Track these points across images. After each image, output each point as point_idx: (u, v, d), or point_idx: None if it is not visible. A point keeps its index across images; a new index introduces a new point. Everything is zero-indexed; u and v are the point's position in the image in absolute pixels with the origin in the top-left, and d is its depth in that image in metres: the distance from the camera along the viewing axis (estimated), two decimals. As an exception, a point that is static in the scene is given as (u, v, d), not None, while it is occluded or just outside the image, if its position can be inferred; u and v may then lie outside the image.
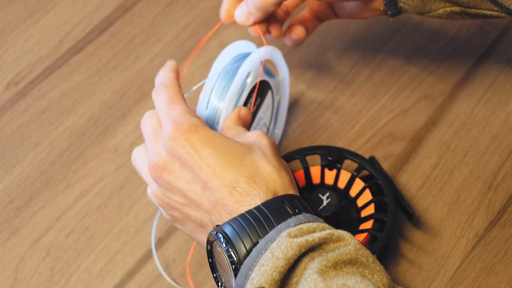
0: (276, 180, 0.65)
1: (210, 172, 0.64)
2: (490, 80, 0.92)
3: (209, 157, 0.64)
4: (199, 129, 0.66)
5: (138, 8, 1.01)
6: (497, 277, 0.79)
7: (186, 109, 0.68)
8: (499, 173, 0.85)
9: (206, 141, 0.65)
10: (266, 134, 0.69)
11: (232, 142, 0.67)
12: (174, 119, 0.67)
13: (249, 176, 0.64)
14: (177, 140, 0.65)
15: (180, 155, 0.65)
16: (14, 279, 0.80)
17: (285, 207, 0.63)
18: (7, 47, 0.97)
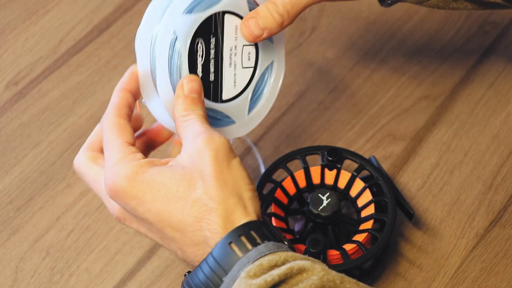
0: (223, 217, 0.60)
1: (159, 225, 0.62)
2: (490, 80, 0.92)
3: (152, 212, 0.62)
4: (134, 184, 0.62)
5: (138, 8, 1.00)
6: (498, 277, 0.79)
7: (115, 158, 0.64)
8: (499, 173, 0.85)
9: (144, 196, 0.62)
10: (212, 140, 0.62)
11: (171, 180, 0.61)
12: (106, 177, 0.63)
13: (193, 225, 0.61)
14: (117, 199, 0.63)
15: (128, 210, 0.64)
16: (13, 279, 0.80)
17: (233, 248, 0.59)
18: (7, 47, 0.97)
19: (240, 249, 0.59)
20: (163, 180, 0.62)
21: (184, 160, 0.63)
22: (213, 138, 0.62)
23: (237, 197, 0.61)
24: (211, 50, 0.68)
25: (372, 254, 0.74)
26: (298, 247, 0.75)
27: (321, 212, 0.75)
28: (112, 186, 0.62)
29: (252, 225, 0.60)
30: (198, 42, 0.68)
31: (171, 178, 0.62)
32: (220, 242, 0.60)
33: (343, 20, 0.98)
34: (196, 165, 0.62)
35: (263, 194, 0.79)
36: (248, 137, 0.89)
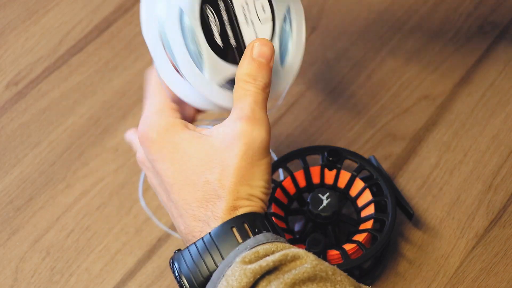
0: (229, 204, 0.61)
1: (169, 186, 0.63)
2: (490, 80, 0.92)
3: (169, 172, 0.63)
4: (164, 138, 0.63)
5: (138, 8, 1.00)
6: (497, 277, 0.79)
7: (155, 108, 0.66)
8: (499, 173, 0.85)
9: (164, 154, 0.63)
10: (250, 134, 0.61)
11: (195, 152, 0.62)
12: (141, 122, 0.65)
13: (199, 201, 0.62)
14: (143, 145, 0.65)
15: (148, 158, 0.65)
16: (14, 279, 0.80)
17: (234, 233, 0.60)
18: (7, 47, 0.97)
19: (241, 235, 0.60)
20: (189, 149, 0.63)
21: (217, 138, 0.62)
22: (252, 130, 0.61)
23: (249, 192, 0.62)
24: (223, 15, 0.64)
25: (372, 254, 0.74)
26: (298, 247, 0.75)
27: (321, 212, 0.75)
28: (143, 133, 0.64)
29: (256, 216, 0.61)
30: (207, 10, 0.63)
31: (196, 152, 0.62)
32: (222, 224, 0.60)
33: (343, 20, 0.98)
34: (224, 151, 0.62)
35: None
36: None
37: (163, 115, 0.65)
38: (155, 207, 0.84)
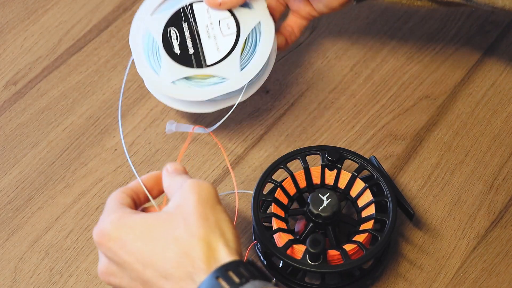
0: (206, 253, 0.61)
1: (140, 266, 0.62)
2: (491, 79, 0.92)
3: (133, 252, 0.63)
4: (118, 226, 0.64)
5: (137, 8, 0.99)
6: (498, 278, 0.78)
7: (106, 213, 0.67)
8: (501, 173, 0.85)
9: (126, 237, 0.63)
10: (198, 185, 0.64)
11: (154, 222, 0.63)
12: (99, 222, 0.66)
13: (175, 260, 0.61)
14: (101, 244, 0.64)
15: (111, 258, 0.64)
16: (13, 279, 0.80)
17: (221, 283, 0.59)
18: (6, 47, 0.97)
19: (229, 284, 0.59)
20: (146, 222, 0.64)
21: (170, 207, 0.65)
22: (199, 183, 0.65)
23: (219, 234, 0.62)
24: (185, 32, 0.85)
25: (372, 254, 0.74)
26: (298, 247, 0.75)
27: (321, 212, 0.75)
28: (98, 231, 0.65)
29: (239, 263, 0.61)
30: (170, 31, 0.85)
31: (154, 221, 0.63)
32: (208, 277, 0.60)
33: (343, 20, 0.98)
34: (179, 208, 0.63)
35: (263, 194, 0.78)
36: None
37: (113, 212, 0.66)
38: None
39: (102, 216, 0.66)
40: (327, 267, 0.73)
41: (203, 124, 0.89)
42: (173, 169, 0.70)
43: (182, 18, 0.85)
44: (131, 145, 0.88)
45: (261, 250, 0.78)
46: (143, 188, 0.70)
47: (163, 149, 0.88)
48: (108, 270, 0.66)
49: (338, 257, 0.74)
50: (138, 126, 0.90)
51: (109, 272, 0.66)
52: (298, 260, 0.73)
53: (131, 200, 0.69)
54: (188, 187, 0.64)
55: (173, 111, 0.91)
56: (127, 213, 0.65)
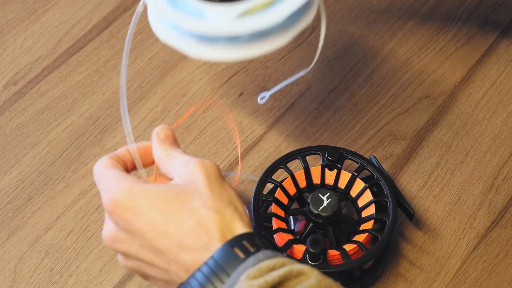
0: (221, 224, 0.62)
1: (153, 236, 0.63)
2: (492, 79, 0.92)
3: (148, 221, 0.63)
4: (130, 195, 0.64)
5: (136, 7, 1.00)
6: (499, 278, 0.78)
7: (111, 180, 0.66)
8: (501, 173, 0.85)
9: (140, 206, 0.63)
10: (203, 163, 0.65)
11: (167, 194, 0.64)
12: (103, 197, 0.65)
13: (192, 231, 0.62)
14: (114, 213, 0.64)
15: (122, 226, 0.64)
16: (13, 279, 0.80)
17: (236, 251, 0.60)
18: (6, 47, 0.97)
19: (243, 252, 0.60)
20: (160, 193, 0.64)
21: (179, 182, 0.65)
22: (204, 162, 0.65)
23: (233, 208, 0.63)
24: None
25: (372, 254, 0.74)
26: (298, 247, 0.75)
27: (321, 212, 0.75)
28: (109, 200, 0.64)
29: (253, 234, 0.62)
30: None
31: (167, 193, 0.64)
32: (223, 246, 0.61)
33: (343, 20, 0.98)
34: (191, 183, 0.64)
35: (263, 194, 0.78)
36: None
37: (121, 180, 0.65)
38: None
39: (106, 185, 0.66)
40: (327, 267, 0.73)
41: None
42: (164, 135, 0.69)
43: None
44: (131, 145, 0.88)
45: (261, 250, 0.78)
46: (134, 156, 0.70)
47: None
48: (115, 236, 0.65)
49: (338, 257, 0.74)
50: (138, 126, 0.90)
51: (117, 238, 0.65)
52: (298, 260, 0.73)
53: (122, 167, 0.68)
54: (194, 164, 0.64)
55: (172, 111, 0.91)
56: (136, 181, 0.65)
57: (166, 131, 0.70)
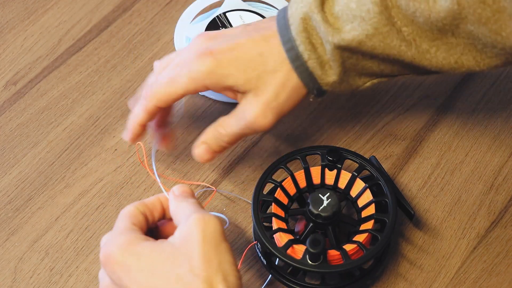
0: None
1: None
2: (492, 79, 0.92)
3: (135, 281, 0.63)
4: (124, 252, 0.65)
5: (137, 7, 1.00)
6: (499, 278, 0.78)
7: (116, 231, 0.68)
8: (501, 173, 0.85)
9: (131, 265, 0.64)
10: (203, 220, 0.65)
11: (159, 255, 0.64)
12: (108, 241, 0.67)
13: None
14: (106, 266, 0.65)
15: (113, 279, 0.65)
16: (12, 279, 0.80)
17: None
18: (6, 46, 0.97)
19: None
20: (151, 254, 0.64)
21: (176, 238, 0.66)
22: (204, 218, 0.65)
23: (222, 278, 0.63)
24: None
25: (372, 254, 0.74)
26: (298, 247, 0.75)
27: (321, 212, 0.75)
28: (104, 253, 0.65)
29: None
30: None
31: (160, 255, 0.64)
32: None
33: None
34: (184, 244, 0.64)
35: (263, 194, 0.78)
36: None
37: (123, 234, 0.67)
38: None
39: (112, 234, 0.67)
40: (327, 267, 0.73)
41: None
42: (180, 191, 0.71)
43: (219, 25, 0.92)
44: (131, 145, 0.88)
45: (261, 250, 0.78)
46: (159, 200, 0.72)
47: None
48: (108, 287, 0.67)
49: (338, 257, 0.74)
50: (138, 126, 0.90)
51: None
52: (298, 260, 0.73)
53: (143, 218, 0.70)
54: (193, 222, 0.65)
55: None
56: (136, 238, 0.66)
57: (181, 188, 0.71)
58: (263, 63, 0.74)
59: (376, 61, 0.73)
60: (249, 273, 0.80)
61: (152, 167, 0.82)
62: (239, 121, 0.76)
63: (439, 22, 0.69)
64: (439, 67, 0.72)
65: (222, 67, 0.74)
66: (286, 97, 0.75)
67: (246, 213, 0.83)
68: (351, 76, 0.75)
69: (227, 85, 0.75)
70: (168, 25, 0.98)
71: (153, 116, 0.79)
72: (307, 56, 0.73)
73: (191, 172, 0.86)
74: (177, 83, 0.76)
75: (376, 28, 0.70)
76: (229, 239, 0.81)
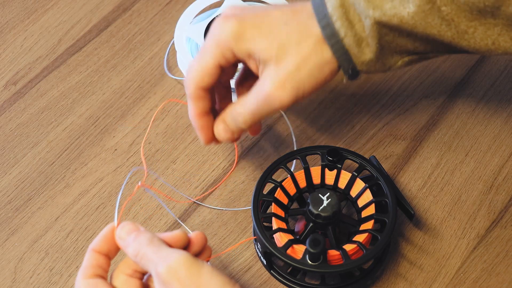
0: None
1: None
2: (492, 79, 0.92)
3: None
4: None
5: (137, 7, 1.00)
6: (499, 278, 0.78)
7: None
8: (501, 173, 0.85)
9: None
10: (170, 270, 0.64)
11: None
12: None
13: None
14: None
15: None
16: (12, 279, 0.80)
17: None
18: (6, 46, 0.97)
19: None
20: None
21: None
22: (170, 267, 0.63)
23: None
24: None
25: (372, 254, 0.74)
26: (298, 247, 0.75)
27: (321, 212, 0.75)
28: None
29: None
30: None
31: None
32: None
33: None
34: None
35: (263, 194, 0.78)
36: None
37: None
38: (154, 207, 0.84)
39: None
40: (327, 267, 0.73)
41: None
42: (126, 232, 0.68)
43: None
44: (131, 145, 0.88)
45: (261, 250, 0.78)
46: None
47: (163, 149, 0.88)
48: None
49: (338, 257, 0.74)
50: (138, 126, 0.90)
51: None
52: (298, 260, 0.73)
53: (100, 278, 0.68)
54: (164, 277, 0.63)
55: (173, 111, 0.91)
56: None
57: (126, 228, 0.68)
58: (288, 33, 0.71)
59: (412, 39, 0.71)
60: (249, 273, 0.80)
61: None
62: (257, 94, 0.73)
63: (480, 3, 0.68)
64: (476, 48, 0.71)
65: (245, 28, 0.71)
66: (308, 72, 0.72)
67: (246, 213, 0.83)
68: (385, 54, 0.72)
69: (249, 49, 0.72)
70: (168, 25, 0.98)
71: (203, 101, 0.75)
72: (343, 33, 0.70)
73: (191, 172, 0.86)
74: (205, 53, 0.73)
75: (419, 6, 0.69)
76: (229, 239, 0.81)
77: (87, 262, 0.68)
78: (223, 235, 0.82)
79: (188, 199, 0.84)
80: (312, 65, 0.72)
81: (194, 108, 0.75)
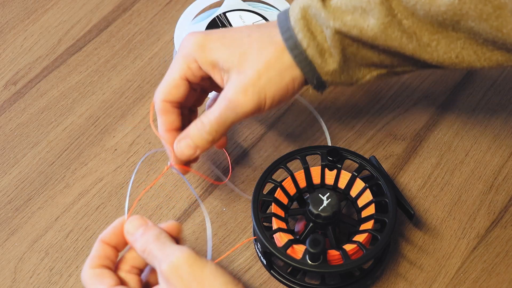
0: None
1: None
2: (492, 80, 0.92)
3: None
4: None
5: (137, 7, 1.00)
6: (499, 278, 0.78)
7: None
8: (501, 173, 0.85)
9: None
10: (173, 268, 0.64)
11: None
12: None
13: None
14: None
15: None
16: (12, 279, 0.80)
17: None
18: (6, 46, 0.97)
19: None
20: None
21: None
22: (173, 263, 0.64)
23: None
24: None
25: (372, 254, 0.74)
26: (298, 247, 0.75)
27: (321, 212, 0.75)
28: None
29: None
30: None
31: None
32: None
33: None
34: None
35: (263, 194, 0.78)
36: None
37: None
38: (154, 207, 0.84)
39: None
40: (327, 267, 0.73)
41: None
42: (134, 227, 0.68)
43: (219, 25, 0.92)
44: (131, 145, 0.88)
45: (261, 250, 0.78)
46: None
47: (163, 149, 0.88)
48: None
49: (338, 257, 0.74)
50: (138, 126, 0.90)
51: None
52: (298, 260, 0.73)
53: (111, 275, 0.68)
54: (167, 274, 0.64)
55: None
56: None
57: (134, 222, 0.69)
58: (250, 42, 0.73)
59: (376, 52, 0.72)
60: (249, 273, 0.80)
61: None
62: (220, 102, 0.73)
63: (439, 16, 0.68)
64: (440, 62, 0.71)
65: (209, 40, 0.73)
66: (270, 78, 0.72)
67: (246, 212, 0.83)
68: (351, 66, 0.73)
69: (212, 59, 0.73)
70: (168, 25, 0.98)
71: (171, 116, 0.76)
72: (306, 44, 0.72)
73: (191, 172, 0.86)
74: (172, 67, 0.75)
75: (378, 19, 0.70)
76: (230, 239, 0.81)
77: (95, 252, 0.69)
78: (223, 235, 0.82)
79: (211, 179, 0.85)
80: (273, 71, 0.72)
81: (161, 122, 0.76)
